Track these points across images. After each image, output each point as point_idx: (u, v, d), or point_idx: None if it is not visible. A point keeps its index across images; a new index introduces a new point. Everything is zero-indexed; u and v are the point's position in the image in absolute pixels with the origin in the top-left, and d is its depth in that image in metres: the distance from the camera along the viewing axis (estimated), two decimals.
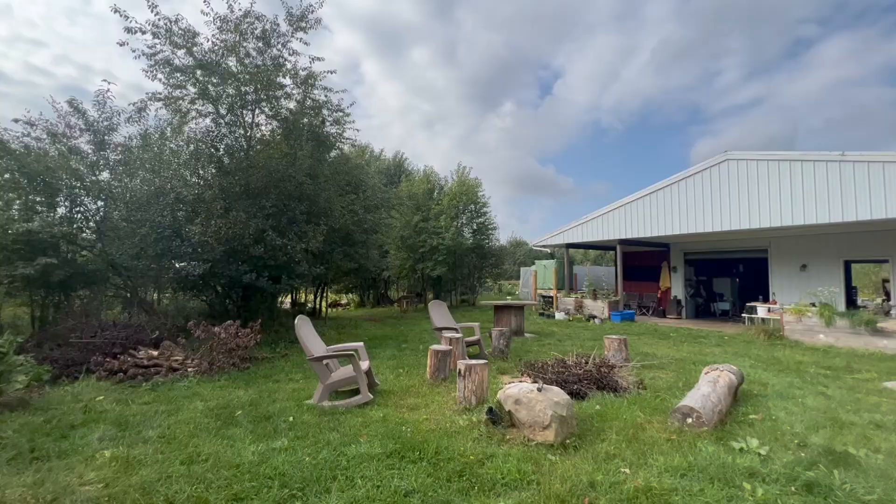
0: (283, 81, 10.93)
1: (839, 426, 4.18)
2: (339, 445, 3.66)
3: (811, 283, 12.14)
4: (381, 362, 7.47)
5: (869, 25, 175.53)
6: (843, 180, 9.55)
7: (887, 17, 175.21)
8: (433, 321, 7.80)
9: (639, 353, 8.12)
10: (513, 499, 2.81)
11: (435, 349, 6.03)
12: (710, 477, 3.07)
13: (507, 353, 7.73)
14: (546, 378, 5.42)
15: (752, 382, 5.89)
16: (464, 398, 4.72)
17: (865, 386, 5.87)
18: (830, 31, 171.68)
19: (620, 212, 14.65)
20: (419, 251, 21.08)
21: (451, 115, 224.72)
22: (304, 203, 10.38)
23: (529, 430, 3.79)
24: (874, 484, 3.01)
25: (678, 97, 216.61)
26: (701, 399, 4.19)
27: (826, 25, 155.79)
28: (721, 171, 11.85)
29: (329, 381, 5.01)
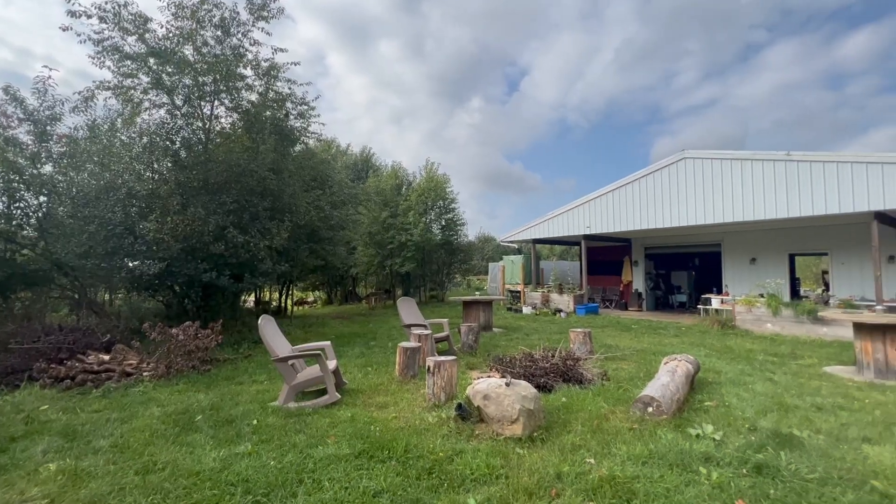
0: (243, 72, 10.53)
1: (785, 410, 4.46)
2: (305, 448, 3.58)
3: (760, 276, 12.88)
4: (349, 361, 7.36)
5: (812, 32, 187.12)
6: (788, 179, 10.16)
7: (829, 24, 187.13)
8: (402, 318, 7.76)
9: (603, 346, 8.37)
10: (482, 494, 2.84)
11: (404, 346, 5.99)
12: (669, 463, 3.20)
13: (476, 349, 7.79)
14: (514, 372, 5.50)
15: (708, 371, 6.19)
16: (433, 395, 4.72)
17: (807, 371, 6.29)
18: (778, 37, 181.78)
19: (584, 208, 15.02)
20: (387, 247, 20.90)
21: (420, 110, 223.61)
22: (268, 199, 10.07)
23: (498, 425, 3.83)
24: (816, 463, 3.23)
25: (639, 97, 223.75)
26: (660, 389, 4.36)
27: (774, 31, 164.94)
28: (678, 169, 12.35)
29: (295, 381, 4.89)
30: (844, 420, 4.15)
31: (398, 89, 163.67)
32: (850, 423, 4.05)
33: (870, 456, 3.36)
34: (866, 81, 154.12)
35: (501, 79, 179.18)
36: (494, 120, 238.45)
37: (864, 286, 11.20)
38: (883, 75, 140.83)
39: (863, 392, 5.12)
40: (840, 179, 9.36)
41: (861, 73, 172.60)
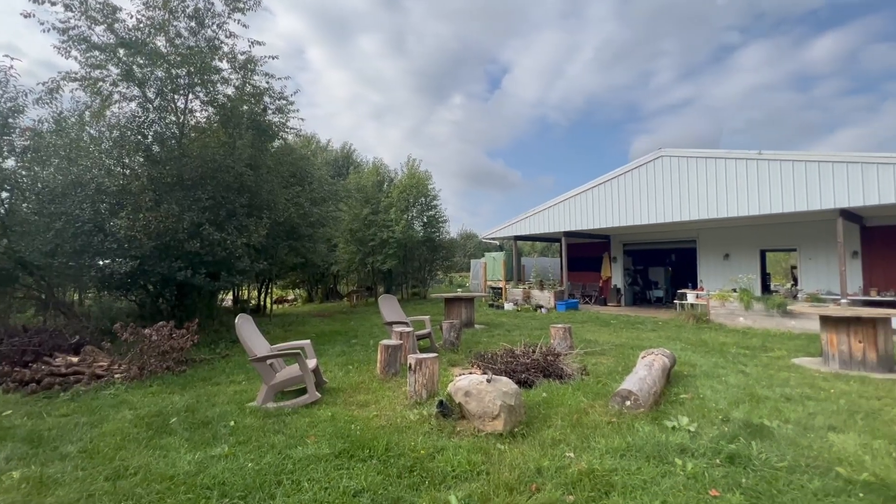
0: (219, 65, 10.26)
1: (756, 401, 4.60)
2: (284, 448, 3.52)
3: (733, 271, 13.26)
4: (329, 359, 7.28)
5: (783, 34, 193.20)
6: (760, 177, 10.47)
7: (798, 28, 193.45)
8: (383, 315, 7.71)
9: (583, 341, 8.49)
10: (463, 490, 2.84)
11: (385, 344, 5.96)
12: (646, 455, 3.26)
13: (458, 345, 7.80)
14: (495, 368, 5.53)
15: (683, 364, 6.35)
16: (414, 392, 4.70)
17: (777, 363, 6.51)
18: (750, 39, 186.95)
19: (564, 205, 15.19)
20: (369, 244, 20.74)
21: (401, 106, 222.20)
22: (245, 195, 9.85)
23: (479, 421, 3.85)
24: (785, 451, 3.34)
25: (618, 96, 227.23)
26: (638, 382, 4.44)
27: (747, 33, 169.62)
28: (656, 167, 12.60)
29: (273, 381, 4.81)
30: (811, 409, 4.30)
31: (379, 85, 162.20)
32: (816, 413, 4.21)
33: (835, 444, 3.49)
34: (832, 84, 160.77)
35: (483, 76, 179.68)
36: (476, 117, 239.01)
37: (830, 280, 11.65)
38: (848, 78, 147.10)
39: (828, 382, 5.32)
40: (808, 178, 9.70)
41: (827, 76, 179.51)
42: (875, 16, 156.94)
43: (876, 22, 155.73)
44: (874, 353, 5.86)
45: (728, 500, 2.66)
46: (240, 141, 9.81)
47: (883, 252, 11.20)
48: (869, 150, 9.01)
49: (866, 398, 4.68)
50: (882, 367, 5.81)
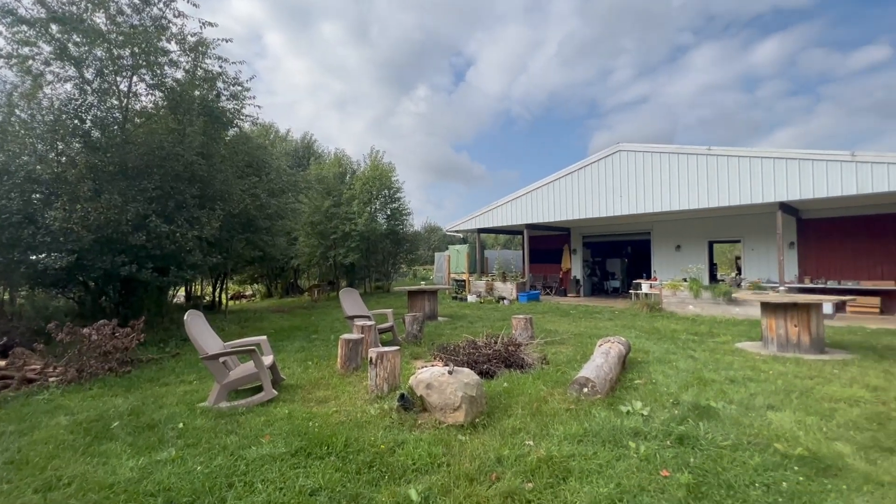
0: (167, 46, 9.64)
1: (703, 384, 4.85)
2: (237, 449, 3.37)
3: (684, 261, 13.93)
4: (288, 355, 7.06)
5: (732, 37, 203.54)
6: (709, 172, 11.01)
7: (746, 31, 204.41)
8: (344, 310, 7.55)
9: (543, 331, 8.66)
10: (424, 483, 2.82)
11: (345, 338, 5.83)
12: (602, 440, 3.36)
13: (421, 338, 7.77)
14: (458, 360, 5.54)
15: (638, 351, 6.60)
16: (376, 386, 4.63)
17: (723, 348, 6.89)
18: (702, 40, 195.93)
19: (527, 198, 15.41)
20: (331, 238, 20.28)
21: (364, 96, 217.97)
22: (196, 185, 9.33)
23: (440, 413, 3.83)
24: (729, 431, 3.53)
25: (579, 92, 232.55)
26: (595, 370, 4.57)
27: (699, 34, 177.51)
28: (613, 161, 12.98)
29: (227, 380, 4.60)
30: (752, 390, 4.58)
31: (341, 74, 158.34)
32: (757, 393, 4.48)
33: (773, 421, 3.72)
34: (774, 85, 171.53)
35: (447, 68, 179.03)
36: (441, 110, 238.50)
37: (770, 269, 12.45)
38: (788, 80, 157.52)
39: (767, 364, 5.68)
40: (752, 173, 10.29)
41: (770, 78, 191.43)
42: (812, 23, 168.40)
43: (813, 28, 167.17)
44: (807, 337, 6.31)
45: (677, 480, 2.78)
46: (190, 128, 9.25)
47: (816, 243, 12.08)
48: (805, 148, 9.64)
49: (800, 378, 5.03)
50: (814, 349, 6.27)
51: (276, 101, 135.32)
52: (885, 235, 11.05)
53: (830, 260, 11.84)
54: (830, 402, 4.21)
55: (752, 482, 2.76)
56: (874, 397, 4.30)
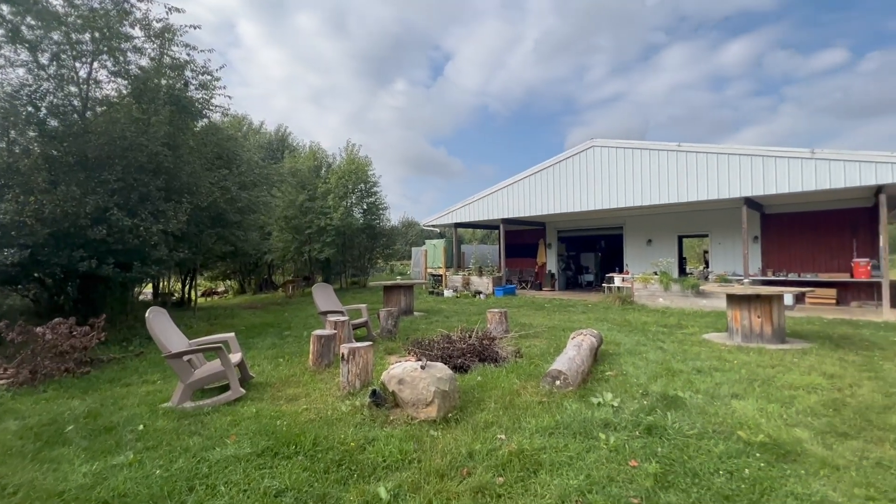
0: (130, 32, 9.19)
1: (672, 374, 4.96)
2: (200, 451, 3.24)
3: (655, 255, 14.27)
4: (258, 353, 6.88)
5: (701, 38, 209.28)
6: (679, 168, 11.27)
7: (715, 32, 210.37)
8: (317, 305, 7.40)
9: (518, 324, 8.73)
10: (394, 480, 2.77)
11: (317, 334, 5.71)
12: (573, 432, 3.38)
13: (396, 333, 7.70)
14: (432, 355, 5.50)
15: (609, 343, 6.71)
16: (348, 383, 4.55)
17: (690, 339, 7.08)
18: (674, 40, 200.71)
19: (503, 193, 15.47)
20: (305, 232, 19.91)
21: (341, 89, 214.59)
22: (161, 177, 8.94)
23: (413, 409, 3.79)
24: (695, 420, 3.61)
25: (555, 88, 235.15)
26: (567, 362, 4.61)
27: (671, 34, 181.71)
28: (588, 156, 13.14)
29: (191, 379, 4.43)
30: (718, 380, 4.71)
31: (318, 66, 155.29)
32: (722, 383, 4.61)
33: (737, 410, 3.84)
34: (741, 86, 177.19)
35: (425, 62, 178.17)
36: (419, 104, 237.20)
37: (735, 263, 12.89)
38: (753, 81, 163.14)
39: (732, 354, 5.87)
40: (719, 169, 10.59)
41: (737, 78, 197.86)
42: (776, 25, 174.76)
43: (778, 31, 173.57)
44: (770, 327, 6.55)
45: (645, 469, 2.82)
46: (155, 118, 8.83)
47: (778, 237, 12.56)
48: (769, 146, 9.97)
49: (763, 367, 5.21)
50: (776, 339, 6.51)
51: (251, 93, 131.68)
52: (841, 230, 11.58)
53: (791, 253, 12.34)
54: (790, 389, 4.38)
55: (717, 469, 2.83)
56: (830, 384, 4.49)
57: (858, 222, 11.38)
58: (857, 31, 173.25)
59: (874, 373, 4.91)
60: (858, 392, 4.26)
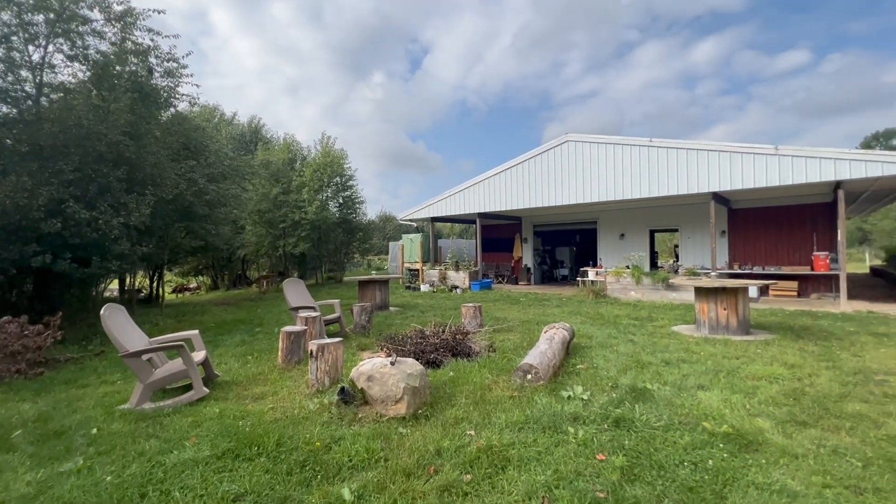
0: (88, 14, 8.71)
1: (641, 367, 5.03)
2: (156, 454, 3.09)
3: (627, 249, 14.54)
4: (227, 350, 6.68)
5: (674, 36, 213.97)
6: (650, 163, 11.46)
7: (686, 30, 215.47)
8: (288, 301, 7.22)
9: (493, 318, 8.74)
10: (358, 481, 2.70)
11: (287, 331, 5.55)
12: (542, 427, 3.37)
13: (370, 329, 7.59)
14: (404, 350, 5.44)
15: (581, 336, 6.78)
16: (317, 380, 4.44)
17: (660, 331, 7.23)
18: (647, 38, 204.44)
19: (479, 187, 15.45)
20: (280, 226, 19.47)
21: (318, 81, 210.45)
22: (123, 168, 8.52)
23: (382, 406, 3.72)
24: (662, 412, 3.66)
25: (532, 83, 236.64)
26: (539, 356, 4.61)
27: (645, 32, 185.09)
28: (562, 151, 13.23)
29: (151, 379, 4.23)
30: (685, 371, 4.80)
31: (294, 57, 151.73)
32: (689, 374, 4.70)
33: (702, 401, 3.91)
34: (710, 84, 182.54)
35: (404, 55, 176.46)
36: (397, 97, 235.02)
37: (704, 256, 13.25)
38: (722, 80, 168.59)
39: (699, 346, 6.01)
40: (689, 164, 10.82)
41: (707, 76, 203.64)
42: (745, 26, 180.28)
43: (745, 31, 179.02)
44: (735, 319, 6.73)
45: (612, 463, 2.83)
46: (115, 105, 8.39)
47: (744, 231, 12.96)
48: (736, 142, 10.23)
49: (728, 358, 5.35)
50: (741, 330, 6.71)
51: (225, 84, 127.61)
52: (803, 225, 12.04)
53: (756, 247, 12.77)
54: (753, 380, 4.50)
55: (682, 461, 2.86)
56: (791, 374, 4.64)
57: (818, 217, 11.84)
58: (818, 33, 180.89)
59: (832, 362, 5.10)
60: (817, 381, 4.42)
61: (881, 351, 5.69)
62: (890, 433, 3.25)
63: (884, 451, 3.00)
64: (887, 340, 6.27)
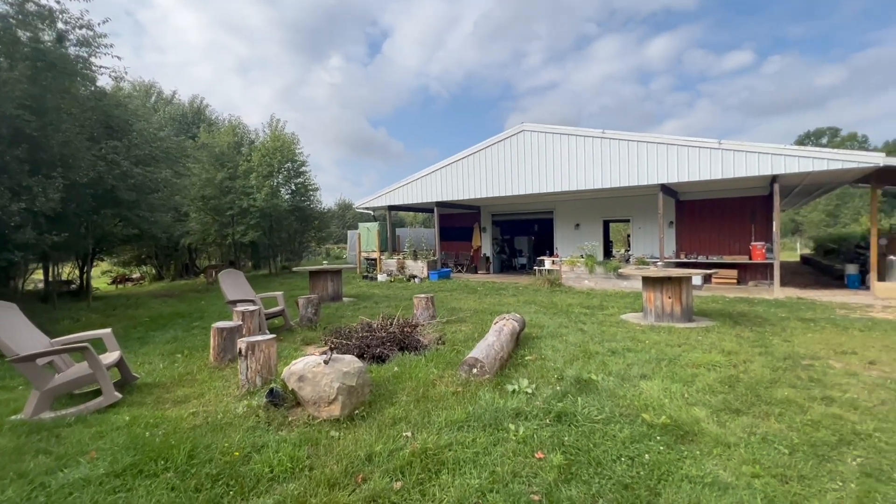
0: None
1: (588, 357, 5.03)
2: (41, 474, 2.70)
3: (582, 239, 14.79)
4: (155, 348, 6.15)
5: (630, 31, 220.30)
6: (603, 155, 11.61)
7: (642, 27, 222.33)
8: (225, 294, 6.73)
9: (448, 308, 8.60)
10: (277, 495, 2.44)
11: (219, 327, 5.14)
12: (483, 424, 3.24)
13: (317, 322, 7.25)
14: (349, 345, 5.18)
15: (533, 326, 6.75)
16: (247, 381, 4.10)
17: (609, 319, 7.33)
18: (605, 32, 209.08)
19: (437, 175, 15.19)
20: (227, 213, 18.42)
21: (272, 62, 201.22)
22: (21, 146, 7.54)
23: (314, 408, 3.46)
24: (605, 404, 3.62)
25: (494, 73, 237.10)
26: (485, 349, 4.48)
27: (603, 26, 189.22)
28: (518, 140, 13.18)
29: (49, 385, 3.75)
30: (630, 361, 4.83)
31: (244, 34, 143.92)
32: (633, 363, 4.73)
33: (644, 391, 3.91)
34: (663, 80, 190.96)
35: (362, 38, 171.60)
36: (356, 82, 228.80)
37: (654, 246, 13.68)
38: (675, 77, 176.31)
39: (645, 334, 6.11)
40: (639, 157, 11.04)
41: (661, 73, 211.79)
42: (695, 24, 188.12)
43: (696, 30, 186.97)
44: (679, 307, 6.92)
45: (550, 461, 2.72)
46: (8, 74, 7.39)
47: (690, 222, 13.48)
48: (684, 136, 10.53)
49: (671, 346, 5.45)
50: (684, 318, 6.90)
51: (167, 60, 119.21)
52: (743, 216, 12.65)
53: (701, 237, 13.32)
54: (693, 367, 4.58)
55: (620, 456, 2.80)
56: (727, 361, 4.76)
57: (756, 209, 12.47)
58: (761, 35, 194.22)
59: (765, 348, 5.30)
60: (751, 368, 4.55)
61: (808, 336, 5.99)
62: (814, 418, 3.35)
63: (808, 437, 3.07)
64: (813, 325, 6.63)
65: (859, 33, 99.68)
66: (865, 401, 3.71)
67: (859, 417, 3.38)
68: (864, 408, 3.55)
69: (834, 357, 5.01)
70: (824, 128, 54.06)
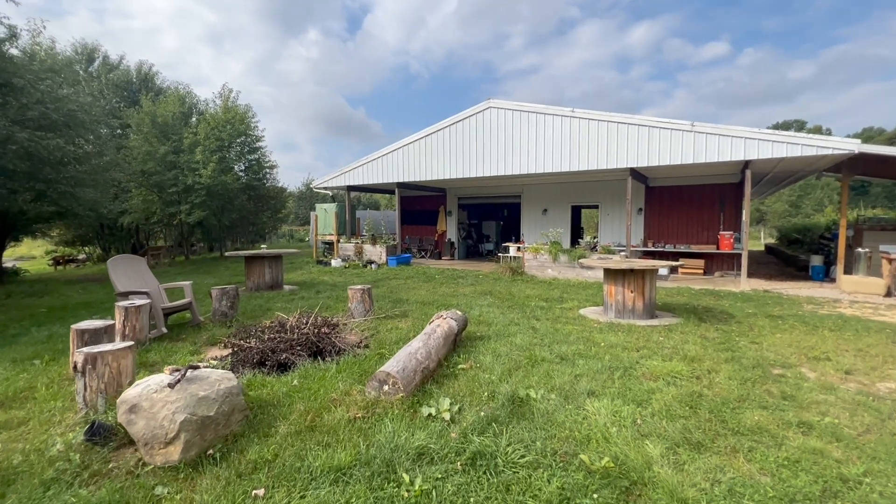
0: None
1: (532, 364, 4.29)
2: None
3: (550, 225, 14.11)
4: (15, 349, 5.12)
5: (612, 18, 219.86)
6: (571, 135, 10.84)
7: (624, 13, 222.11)
8: (115, 285, 5.65)
9: (393, 300, 7.76)
10: None
11: (79, 329, 4.12)
12: (371, 473, 2.43)
13: (232, 317, 6.28)
14: (251, 349, 4.29)
15: (480, 323, 5.99)
16: (86, 404, 3.17)
17: (566, 315, 6.64)
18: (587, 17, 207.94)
19: (398, 154, 14.17)
20: (170, 191, 16.91)
21: (245, 33, 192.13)
22: None
23: (146, 450, 2.57)
24: (537, 436, 2.87)
25: (475, 54, 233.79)
26: (404, 359, 3.66)
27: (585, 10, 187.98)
28: (485, 118, 12.27)
29: None
30: (579, 370, 4.11)
31: (214, 2, 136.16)
32: (582, 374, 4.01)
33: (589, 415, 3.18)
34: (642, 68, 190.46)
35: (341, 12, 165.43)
36: (334, 58, 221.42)
37: (622, 234, 13.15)
38: (652, 65, 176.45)
39: (602, 334, 5.42)
40: (609, 139, 10.32)
41: (640, 61, 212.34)
42: (674, 14, 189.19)
43: (675, 19, 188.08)
44: (641, 302, 6.27)
45: None
46: None
47: (660, 209, 12.96)
48: (655, 117, 9.84)
49: (628, 350, 4.78)
50: (646, 314, 6.27)
51: (131, 27, 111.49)
52: (712, 204, 12.19)
53: (670, 225, 12.83)
54: (651, 380, 3.89)
55: None
56: (690, 371, 4.10)
57: (726, 197, 12.02)
58: (737, 27, 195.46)
59: (731, 353, 4.69)
60: (716, 381, 3.89)
61: (777, 336, 5.44)
62: (791, 455, 2.69)
63: (785, 486, 2.39)
64: (782, 323, 6.11)
65: (830, 28, 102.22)
66: (848, 426, 3.09)
67: (844, 454, 2.73)
68: (849, 438, 2.92)
69: (807, 364, 4.43)
70: (791, 120, 55.27)
